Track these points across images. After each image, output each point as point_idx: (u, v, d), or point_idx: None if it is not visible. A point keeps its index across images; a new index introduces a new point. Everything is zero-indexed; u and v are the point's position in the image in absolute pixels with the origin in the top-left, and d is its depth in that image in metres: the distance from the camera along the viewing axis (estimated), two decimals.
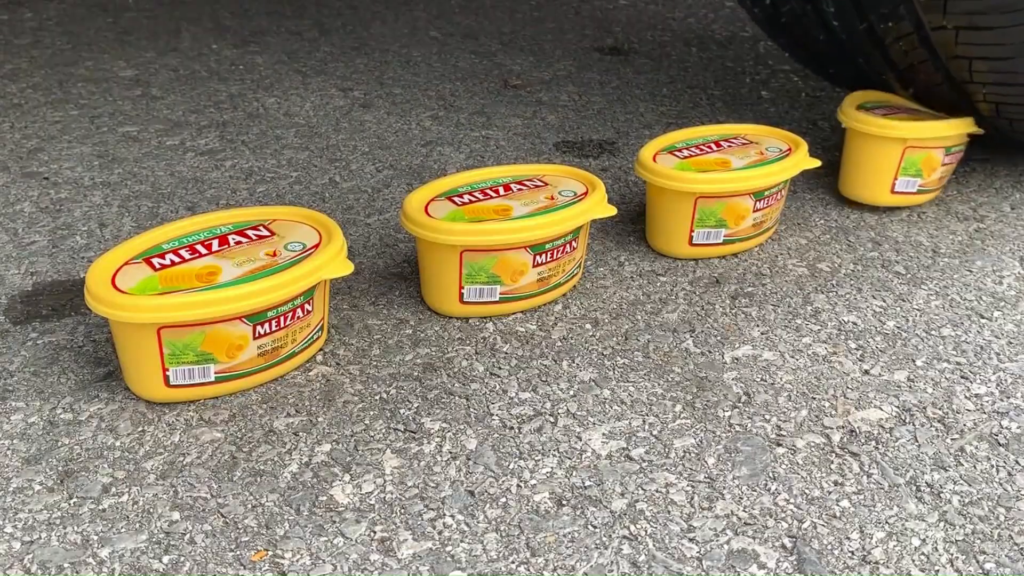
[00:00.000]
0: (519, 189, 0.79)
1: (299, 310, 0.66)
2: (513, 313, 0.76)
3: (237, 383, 0.65)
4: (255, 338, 0.64)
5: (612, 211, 0.78)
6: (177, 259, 0.66)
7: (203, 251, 0.68)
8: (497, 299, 0.74)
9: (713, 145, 0.91)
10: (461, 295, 0.74)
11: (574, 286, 0.80)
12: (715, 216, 0.83)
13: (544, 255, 0.74)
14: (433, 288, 0.75)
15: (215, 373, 0.64)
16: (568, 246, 0.76)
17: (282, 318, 0.65)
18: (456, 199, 0.77)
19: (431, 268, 0.74)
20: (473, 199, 0.77)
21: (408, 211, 0.73)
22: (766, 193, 0.84)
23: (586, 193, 0.78)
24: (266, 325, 0.64)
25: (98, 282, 0.63)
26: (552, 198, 0.77)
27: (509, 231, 0.72)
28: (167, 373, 0.63)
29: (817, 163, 0.89)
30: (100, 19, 1.67)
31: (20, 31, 1.58)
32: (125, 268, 0.65)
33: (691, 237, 0.84)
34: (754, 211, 0.85)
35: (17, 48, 1.49)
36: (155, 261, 0.66)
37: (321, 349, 0.71)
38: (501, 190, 0.79)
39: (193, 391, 0.64)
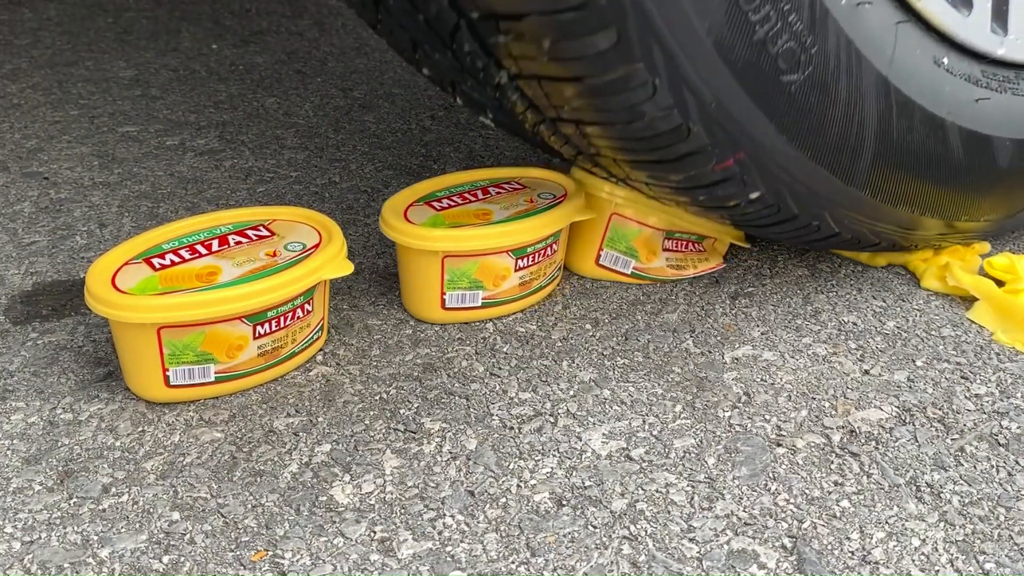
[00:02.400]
0: (497, 193, 0.79)
1: (299, 310, 0.66)
2: (494, 318, 0.76)
3: (237, 383, 0.65)
4: (255, 338, 0.64)
5: (593, 214, 0.77)
6: (177, 259, 0.66)
7: (203, 251, 0.68)
8: (480, 304, 0.74)
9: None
10: (443, 301, 0.73)
11: (555, 289, 0.80)
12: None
13: (526, 259, 0.74)
14: (415, 294, 0.74)
15: (215, 373, 0.64)
16: (549, 249, 0.76)
17: (282, 318, 0.65)
18: (435, 204, 0.76)
19: (412, 274, 0.74)
20: (452, 203, 0.76)
21: (388, 217, 0.73)
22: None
23: (565, 196, 0.78)
24: (266, 325, 0.64)
25: (98, 282, 0.63)
26: (532, 201, 0.77)
27: (492, 236, 0.71)
28: (167, 373, 0.63)
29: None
30: (100, 19, 1.67)
31: (20, 31, 1.58)
32: (125, 268, 0.65)
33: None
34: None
35: (17, 48, 1.49)
36: (155, 261, 0.66)
37: (321, 349, 0.71)
38: (480, 193, 0.78)
39: (193, 391, 0.64)
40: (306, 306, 0.67)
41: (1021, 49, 0.71)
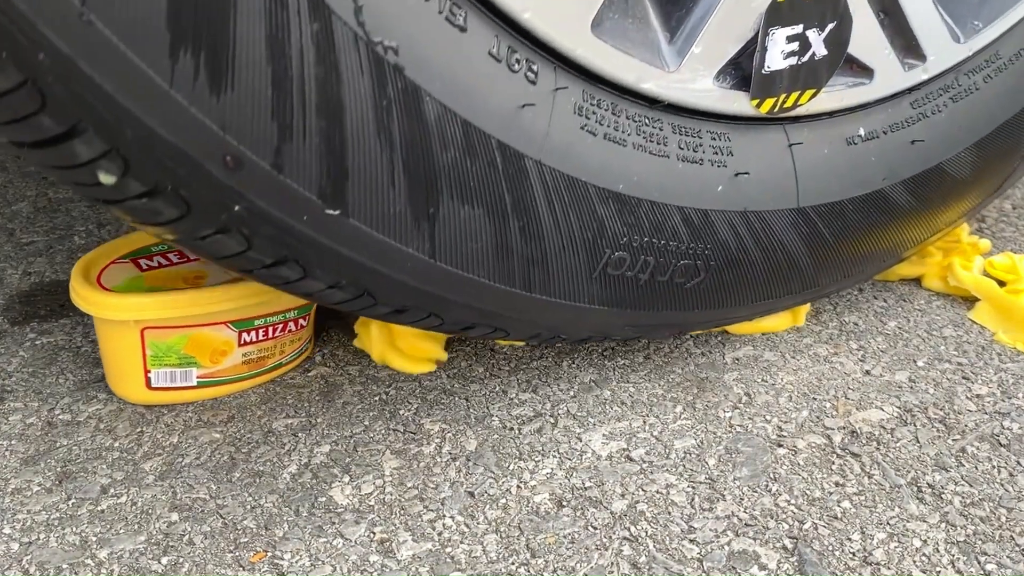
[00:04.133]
0: None
1: (291, 324, 0.66)
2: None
3: (219, 389, 0.65)
4: (240, 345, 0.64)
5: None
6: (165, 261, 0.66)
7: (191, 255, 0.67)
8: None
9: None
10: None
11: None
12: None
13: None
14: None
15: (197, 378, 0.64)
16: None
17: (270, 328, 0.64)
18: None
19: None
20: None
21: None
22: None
23: None
24: (252, 333, 0.64)
25: (82, 279, 0.62)
26: None
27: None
28: (149, 375, 0.62)
29: None
30: None
31: None
32: (111, 267, 0.65)
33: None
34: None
35: None
36: (142, 262, 0.66)
37: (320, 350, 0.71)
38: None
39: (174, 395, 0.64)
40: (300, 321, 0.66)
41: (943, 60, 0.65)
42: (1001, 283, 0.76)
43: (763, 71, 0.56)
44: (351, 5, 0.41)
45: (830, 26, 0.57)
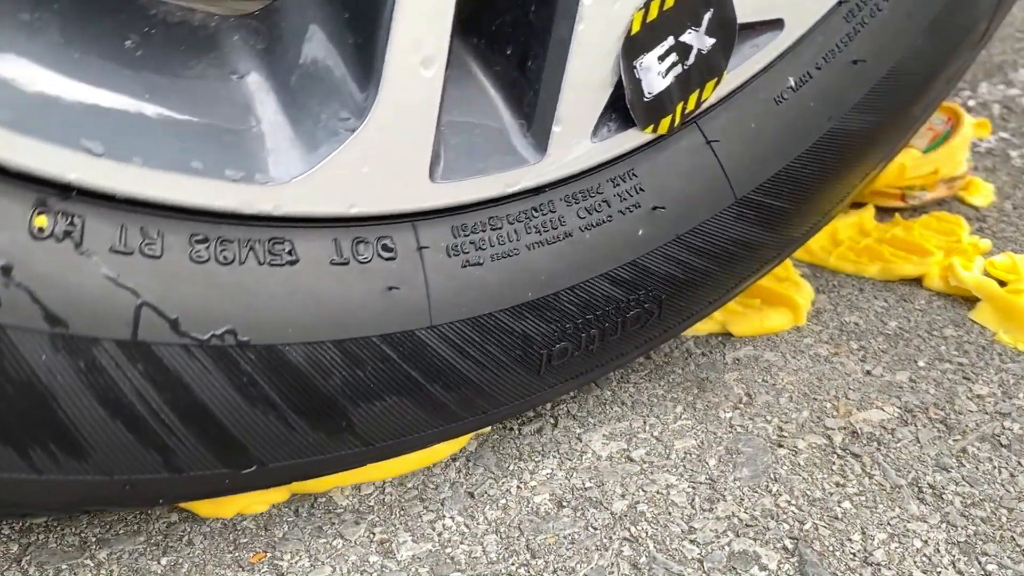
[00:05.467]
0: None
1: None
2: None
3: None
4: None
5: None
6: None
7: None
8: None
9: None
10: None
11: None
12: None
13: None
14: None
15: None
16: None
17: None
18: None
19: None
20: None
21: None
22: None
23: None
24: None
25: None
26: None
27: None
28: None
29: None
30: None
31: None
32: None
33: None
34: None
35: None
36: None
37: None
38: None
39: None
40: None
41: None
42: (1002, 283, 0.76)
43: (645, 99, 0.50)
44: (166, 325, 0.41)
45: (708, 15, 0.49)
